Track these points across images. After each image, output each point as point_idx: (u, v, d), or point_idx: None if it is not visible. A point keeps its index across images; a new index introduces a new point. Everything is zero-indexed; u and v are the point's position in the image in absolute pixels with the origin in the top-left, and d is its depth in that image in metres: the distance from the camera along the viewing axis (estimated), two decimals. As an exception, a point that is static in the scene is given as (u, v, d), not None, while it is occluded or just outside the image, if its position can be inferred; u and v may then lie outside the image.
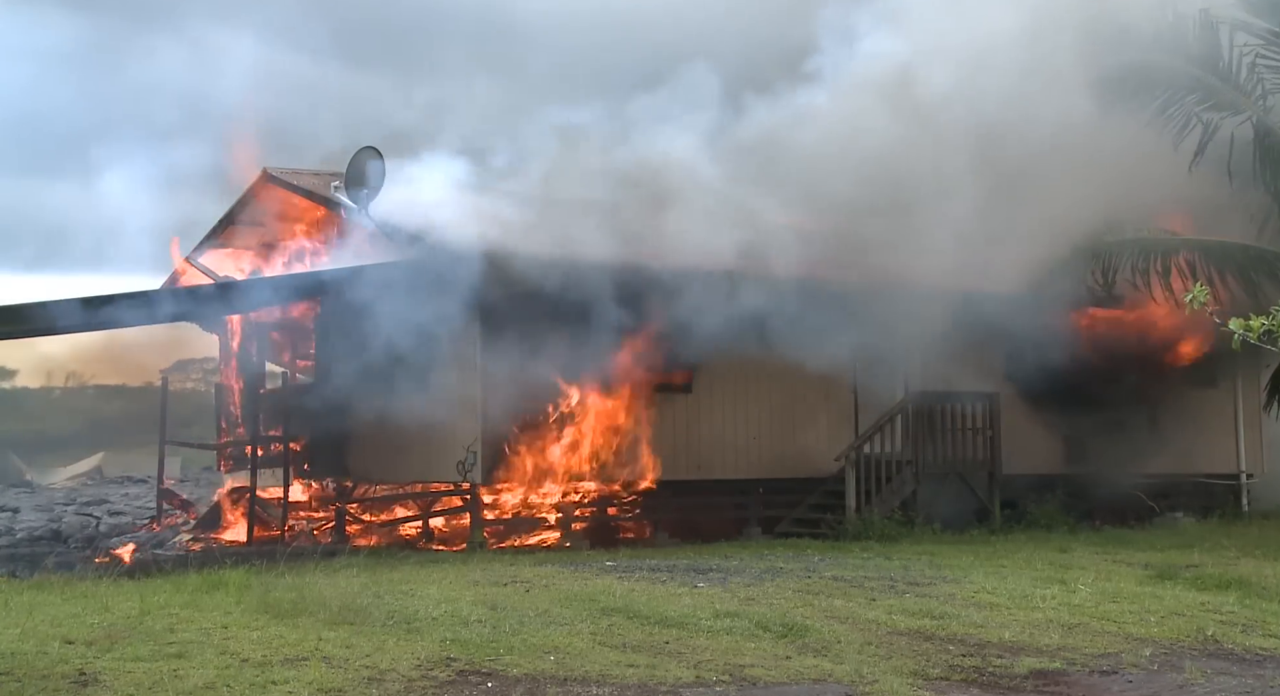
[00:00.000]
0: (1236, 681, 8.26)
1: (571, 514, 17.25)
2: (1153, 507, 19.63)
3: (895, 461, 17.52)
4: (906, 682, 7.82)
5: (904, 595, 10.88)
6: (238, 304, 17.10)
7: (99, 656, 7.51)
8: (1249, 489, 21.25)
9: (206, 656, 7.56)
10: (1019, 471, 18.42)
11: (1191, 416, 20.57)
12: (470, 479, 16.07)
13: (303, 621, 8.69)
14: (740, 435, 17.50)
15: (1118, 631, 9.67)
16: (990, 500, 18.03)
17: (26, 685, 6.84)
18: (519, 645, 8.24)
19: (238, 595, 9.66)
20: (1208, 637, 9.59)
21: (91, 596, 9.79)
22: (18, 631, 8.16)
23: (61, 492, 30.40)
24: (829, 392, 18.11)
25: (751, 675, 7.83)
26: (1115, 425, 19.86)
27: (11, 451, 35.96)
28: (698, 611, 9.62)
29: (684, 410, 17.23)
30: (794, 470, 17.80)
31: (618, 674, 7.69)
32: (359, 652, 7.81)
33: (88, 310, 13.83)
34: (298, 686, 6.99)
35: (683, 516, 17.66)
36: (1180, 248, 16.83)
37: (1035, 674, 8.25)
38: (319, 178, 17.88)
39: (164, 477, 21.08)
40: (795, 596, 10.65)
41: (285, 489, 18.11)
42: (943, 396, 18.12)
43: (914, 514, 17.11)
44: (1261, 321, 6.18)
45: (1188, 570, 12.85)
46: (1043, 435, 19.33)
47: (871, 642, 8.91)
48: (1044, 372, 18.50)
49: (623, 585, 10.98)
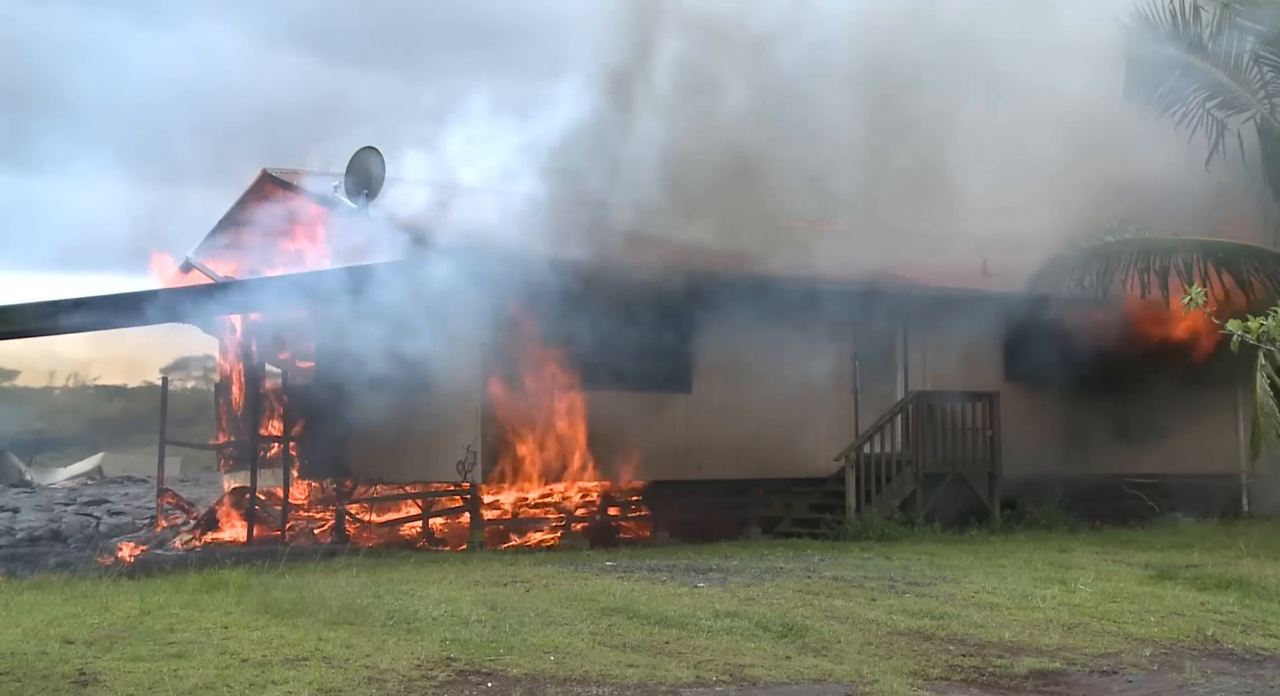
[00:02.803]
0: (1236, 681, 8.26)
1: (571, 514, 17.26)
2: (1153, 507, 19.63)
3: (895, 461, 17.52)
4: (906, 682, 7.82)
5: (904, 595, 10.88)
6: (237, 304, 17.08)
7: (99, 656, 7.51)
8: (1249, 489, 21.24)
9: (206, 656, 7.56)
10: (1019, 471, 18.41)
11: (1191, 416, 20.56)
12: (470, 479, 16.07)
13: (303, 621, 8.69)
14: (740, 435, 17.50)
15: (1118, 631, 9.66)
16: (990, 500, 18.02)
17: (26, 685, 6.85)
18: (519, 645, 8.24)
19: (238, 595, 9.66)
20: (1208, 637, 9.59)
21: (91, 596, 9.78)
22: (18, 631, 8.16)
23: (61, 492, 30.40)
24: (829, 393, 18.11)
25: (751, 675, 7.83)
26: (1115, 425, 19.87)
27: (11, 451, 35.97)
28: (698, 611, 9.62)
29: (684, 410, 17.22)
30: (794, 470, 17.79)
31: (618, 674, 7.69)
32: (359, 652, 7.81)
33: (88, 310, 13.84)
34: (297, 686, 6.99)
35: (683, 516, 17.66)
36: (1180, 248, 16.82)
37: (1035, 674, 8.25)
38: (319, 177, 17.88)
39: (164, 477, 21.08)
40: (795, 596, 10.64)
41: (285, 489, 18.12)
42: (943, 396, 18.12)
43: (914, 514, 17.10)
44: (1260, 322, 6.18)
45: (1188, 570, 12.84)
46: (1043, 435, 19.32)
47: (871, 642, 8.91)
48: (1044, 372, 18.52)
49: (623, 585, 10.97)
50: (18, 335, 14.59)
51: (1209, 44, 16.78)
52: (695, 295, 16.42)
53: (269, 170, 18.20)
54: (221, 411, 20.84)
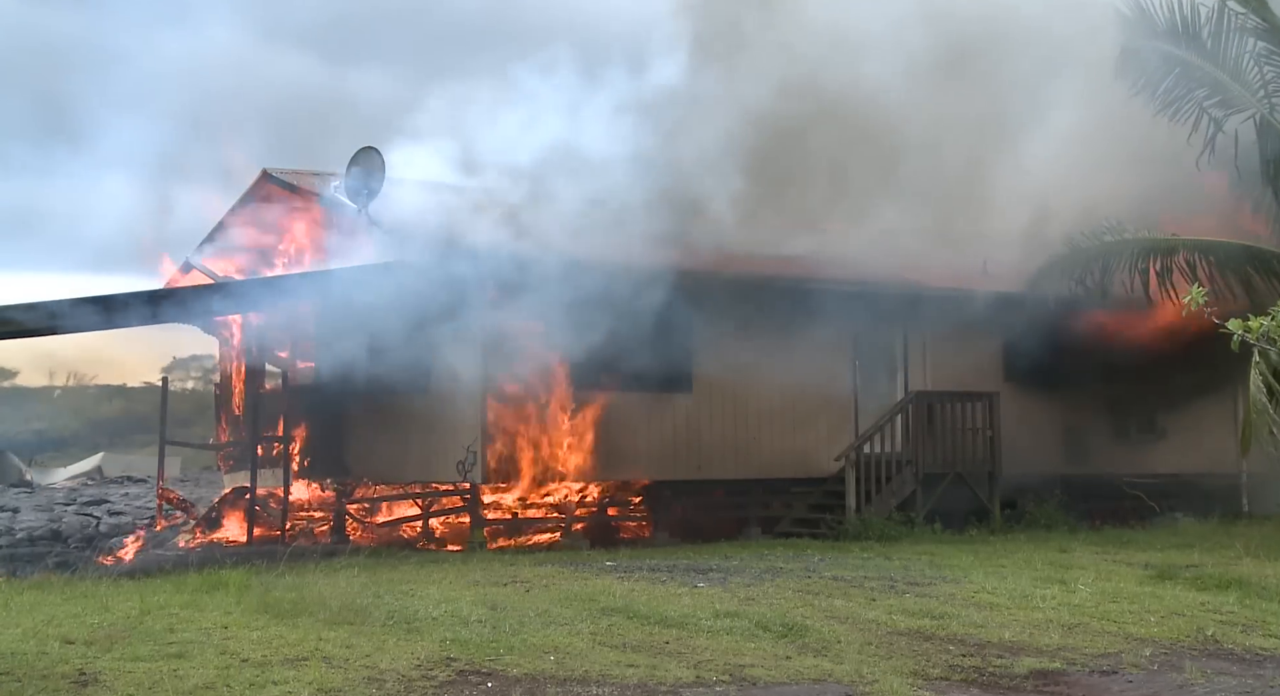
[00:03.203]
0: (1236, 681, 8.25)
1: (571, 514, 17.26)
2: (1153, 507, 19.64)
3: (895, 461, 17.52)
4: (906, 682, 7.82)
5: (904, 595, 10.88)
6: (237, 305, 17.09)
7: (99, 656, 7.51)
8: (1249, 489, 21.23)
9: (206, 656, 7.56)
10: (1019, 471, 18.41)
11: (1191, 416, 20.57)
12: (470, 479, 16.07)
13: (303, 621, 8.69)
14: (740, 435, 17.49)
15: (1118, 631, 9.66)
16: (990, 500, 18.02)
17: (26, 685, 6.85)
18: (519, 645, 8.24)
19: (238, 595, 9.66)
20: (1208, 637, 9.58)
21: (91, 596, 9.79)
22: (18, 631, 8.16)
23: (61, 492, 30.39)
24: (829, 393, 18.11)
25: (751, 675, 7.83)
26: (1115, 425, 19.87)
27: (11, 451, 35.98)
28: (698, 611, 9.62)
29: (684, 410, 17.23)
30: (794, 470, 17.80)
31: (618, 674, 7.69)
32: (359, 652, 7.81)
33: (87, 310, 13.83)
34: (297, 686, 6.99)
35: (683, 516, 17.67)
36: (1180, 247, 16.82)
37: (1035, 674, 8.25)
38: (319, 177, 17.89)
39: (164, 477, 21.08)
40: (795, 596, 10.65)
41: (285, 489, 18.11)
42: (943, 396, 18.12)
43: (914, 514, 17.11)
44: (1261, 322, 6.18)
45: (1188, 570, 12.84)
46: (1043, 435, 19.32)
47: (871, 642, 8.91)
48: (1044, 372, 18.51)
49: (623, 585, 10.98)
50: (18, 335, 14.59)
51: (1208, 42, 16.75)
52: (696, 295, 16.42)
53: (269, 170, 18.20)
54: (221, 411, 20.84)
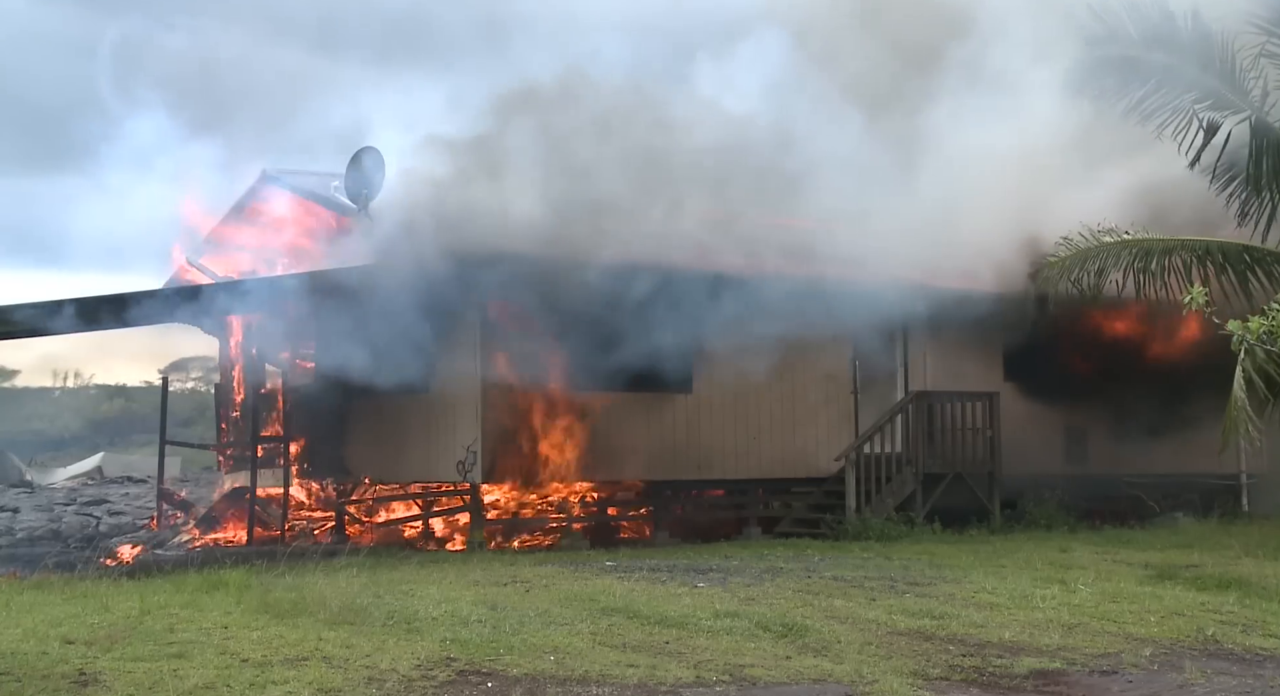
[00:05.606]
0: (1236, 681, 8.26)
1: (571, 514, 17.26)
2: (1153, 507, 19.64)
3: (895, 461, 17.52)
4: (906, 682, 7.82)
5: (904, 595, 10.88)
6: (237, 304, 17.08)
7: (99, 656, 7.51)
8: (1249, 489, 21.24)
9: (206, 656, 7.56)
10: (1019, 471, 18.41)
11: (1191, 416, 20.55)
12: (470, 479, 16.07)
13: (303, 621, 8.69)
14: (740, 435, 17.50)
15: (1118, 631, 9.66)
16: (990, 500, 18.02)
17: (26, 685, 6.85)
18: (519, 645, 8.24)
19: (238, 595, 9.66)
20: (1208, 637, 9.59)
21: (91, 596, 9.79)
22: (18, 631, 8.17)
23: (61, 492, 30.37)
24: (829, 393, 18.11)
25: (751, 675, 7.83)
26: (1115, 425, 19.86)
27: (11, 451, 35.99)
28: (698, 611, 9.62)
29: (684, 410, 17.23)
30: (794, 470, 17.80)
31: (618, 674, 7.69)
32: (359, 652, 7.81)
33: (87, 310, 13.83)
34: (297, 686, 6.99)
35: (683, 516, 17.66)
36: (1178, 248, 16.81)
37: (1035, 674, 8.25)
38: (319, 177, 17.88)
39: (164, 477, 21.08)
40: (795, 596, 10.65)
41: (285, 489, 18.11)
42: (943, 396, 18.12)
43: (914, 514, 17.11)
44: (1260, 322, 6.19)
45: (1188, 570, 12.85)
46: (1043, 435, 19.32)
47: (871, 642, 8.91)
48: (1044, 372, 18.50)
49: (623, 585, 10.98)
50: (18, 335, 14.59)
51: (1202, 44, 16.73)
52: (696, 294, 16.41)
53: (268, 170, 18.20)
54: (221, 411, 20.82)
